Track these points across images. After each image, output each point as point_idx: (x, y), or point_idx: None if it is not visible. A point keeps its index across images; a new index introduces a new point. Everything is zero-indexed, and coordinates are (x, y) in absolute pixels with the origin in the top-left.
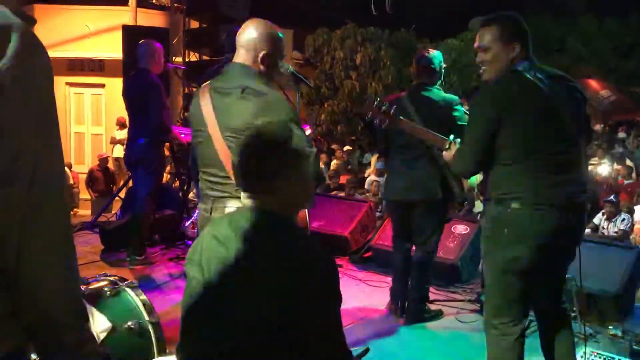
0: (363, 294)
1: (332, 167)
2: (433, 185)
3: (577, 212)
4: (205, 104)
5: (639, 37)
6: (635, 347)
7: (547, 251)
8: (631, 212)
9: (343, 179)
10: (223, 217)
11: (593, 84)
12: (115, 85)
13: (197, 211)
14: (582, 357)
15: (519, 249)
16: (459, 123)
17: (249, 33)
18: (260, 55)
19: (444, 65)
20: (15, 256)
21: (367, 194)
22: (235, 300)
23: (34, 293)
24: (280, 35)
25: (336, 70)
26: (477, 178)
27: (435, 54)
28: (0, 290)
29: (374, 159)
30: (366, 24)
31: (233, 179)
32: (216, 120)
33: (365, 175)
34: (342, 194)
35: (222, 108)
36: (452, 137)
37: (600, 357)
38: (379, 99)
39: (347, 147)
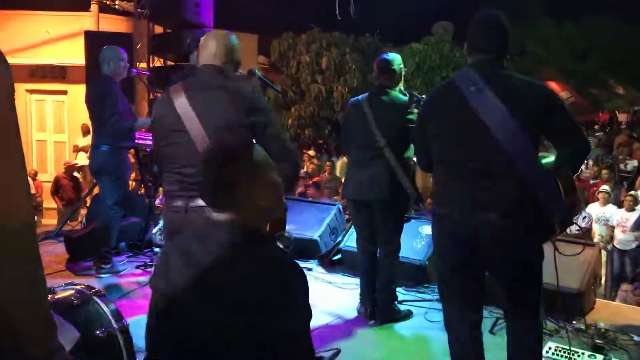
0: (333, 297)
1: (305, 171)
2: (383, 185)
3: (490, 218)
4: (182, 105)
5: (595, 40)
6: (597, 340)
7: (463, 248)
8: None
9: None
10: (189, 231)
11: (553, 86)
12: (77, 91)
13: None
14: (547, 352)
15: (439, 244)
16: (411, 126)
17: (211, 43)
18: (227, 60)
19: (404, 68)
20: None
21: (336, 197)
22: (201, 315)
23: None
24: (236, 44)
25: (302, 74)
26: None
27: (395, 56)
28: None
29: (340, 162)
30: (331, 28)
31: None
32: (199, 119)
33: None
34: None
35: (207, 109)
36: None
37: (564, 352)
38: None
39: (311, 152)
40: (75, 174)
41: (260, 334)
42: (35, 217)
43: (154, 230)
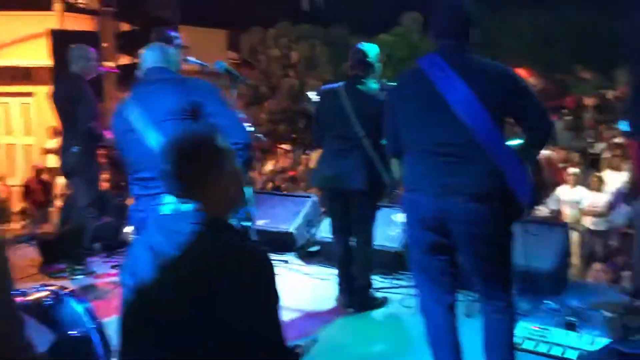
0: (311, 288)
1: (279, 166)
2: (362, 175)
3: (458, 200)
4: (128, 107)
5: (562, 28)
6: (569, 318)
7: (433, 232)
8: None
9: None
10: (153, 223)
11: (521, 73)
12: (44, 93)
13: None
14: (520, 331)
15: (410, 229)
16: None
17: (149, 53)
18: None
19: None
20: None
21: (312, 190)
22: (168, 307)
23: None
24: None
25: (273, 69)
26: None
27: (370, 47)
28: None
29: (314, 155)
30: (300, 21)
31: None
32: (146, 115)
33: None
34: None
35: (151, 100)
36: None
37: (537, 331)
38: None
39: (285, 146)
40: (45, 176)
41: (226, 320)
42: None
43: (127, 230)
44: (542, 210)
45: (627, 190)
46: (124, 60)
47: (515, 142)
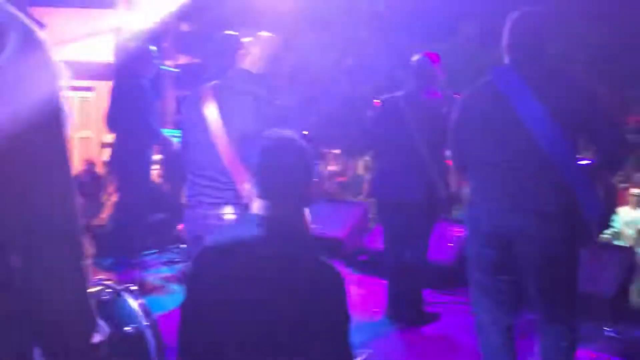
0: (359, 298)
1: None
2: (418, 185)
3: (525, 219)
4: (209, 107)
5: (629, 41)
6: (628, 347)
7: (496, 250)
8: None
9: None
10: (228, 227)
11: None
12: (104, 88)
13: None
14: (579, 358)
15: (472, 246)
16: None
17: (257, 47)
18: (259, 64)
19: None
20: (24, 260)
21: (360, 197)
22: (238, 316)
23: (43, 296)
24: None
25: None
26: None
27: (434, 56)
28: (8, 294)
29: (362, 162)
30: (358, 27)
31: (238, 184)
32: (223, 123)
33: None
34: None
35: (232, 112)
36: None
37: (597, 359)
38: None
39: (337, 150)
40: (100, 169)
41: (298, 339)
42: None
43: (180, 227)
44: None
45: None
46: (183, 59)
47: (587, 161)
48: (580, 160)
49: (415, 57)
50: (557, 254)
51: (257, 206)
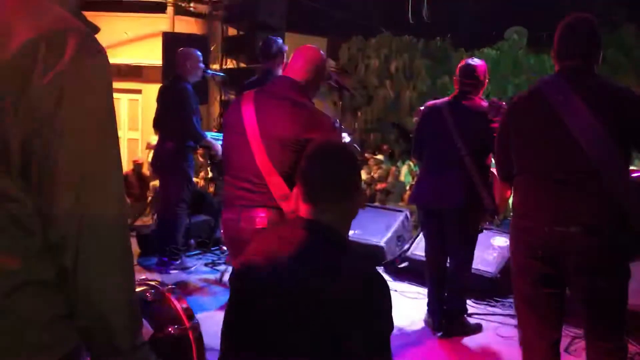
0: (399, 306)
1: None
2: (460, 193)
3: (572, 231)
4: (248, 110)
5: None
6: None
7: (542, 262)
8: None
9: (381, 188)
10: (271, 231)
11: None
12: (152, 91)
13: None
14: None
15: (518, 257)
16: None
17: (301, 57)
18: (308, 77)
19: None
20: (73, 258)
21: (401, 203)
22: (282, 321)
23: (91, 295)
24: (325, 61)
25: (370, 78)
26: None
27: (480, 63)
28: (57, 293)
29: (404, 168)
30: (402, 33)
31: (271, 187)
32: (259, 127)
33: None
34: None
35: (269, 117)
36: None
37: None
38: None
39: (379, 156)
40: (146, 170)
41: (344, 347)
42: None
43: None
44: None
45: None
46: (230, 64)
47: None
48: (632, 173)
49: (459, 65)
50: (603, 267)
51: (304, 210)
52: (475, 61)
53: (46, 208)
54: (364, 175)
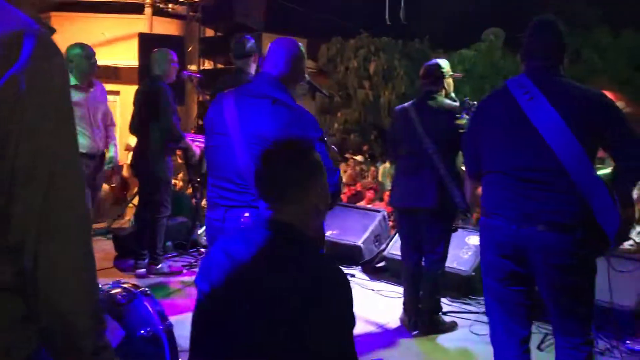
0: (375, 305)
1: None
2: (431, 193)
3: (538, 229)
4: (229, 110)
5: None
6: None
7: (510, 260)
8: None
9: (358, 188)
10: (236, 232)
11: (609, 96)
12: (129, 92)
13: None
14: None
15: (486, 255)
16: (461, 131)
17: (278, 50)
18: (286, 70)
19: (452, 73)
20: (33, 259)
21: (379, 203)
22: (243, 318)
23: (52, 296)
24: (304, 54)
25: (349, 79)
26: None
27: (442, 62)
28: (16, 294)
29: (382, 168)
30: (380, 34)
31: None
32: (240, 126)
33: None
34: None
35: (249, 116)
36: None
37: None
38: None
39: (359, 157)
40: (125, 172)
41: (301, 340)
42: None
43: (200, 231)
44: (624, 244)
45: None
46: (208, 65)
47: (604, 171)
48: (596, 171)
49: (425, 64)
50: (569, 264)
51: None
52: (437, 60)
53: (4, 208)
54: (344, 177)
